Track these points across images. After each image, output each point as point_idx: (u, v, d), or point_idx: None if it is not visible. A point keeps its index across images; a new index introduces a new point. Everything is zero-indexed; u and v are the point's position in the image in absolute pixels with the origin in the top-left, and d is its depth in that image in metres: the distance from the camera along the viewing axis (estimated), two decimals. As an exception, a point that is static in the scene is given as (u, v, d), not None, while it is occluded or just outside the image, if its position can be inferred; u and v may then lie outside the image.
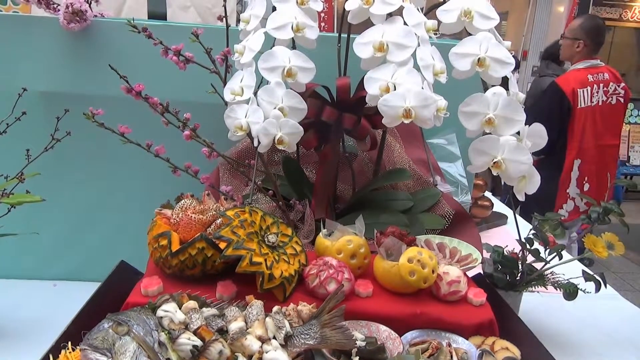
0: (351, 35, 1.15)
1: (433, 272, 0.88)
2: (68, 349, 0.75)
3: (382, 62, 0.96)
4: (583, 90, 2.73)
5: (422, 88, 0.90)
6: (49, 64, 1.24)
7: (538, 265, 1.15)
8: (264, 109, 0.96)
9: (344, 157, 1.27)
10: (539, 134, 0.99)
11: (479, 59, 0.96)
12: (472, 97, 0.96)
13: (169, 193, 1.12)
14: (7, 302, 1.20)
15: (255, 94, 0.99)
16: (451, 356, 0.80)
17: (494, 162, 0.95)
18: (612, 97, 2.80)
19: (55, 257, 1.35)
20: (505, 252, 1.15)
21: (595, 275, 1.12)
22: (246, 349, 0.69)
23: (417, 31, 0.95)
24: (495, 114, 0.94)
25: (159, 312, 0.70)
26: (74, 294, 1.27)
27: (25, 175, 1.10)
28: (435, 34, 0.99)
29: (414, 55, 0.94)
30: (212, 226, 0.90)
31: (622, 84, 2.84)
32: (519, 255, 1.15)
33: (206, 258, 0.86)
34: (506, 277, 1.15)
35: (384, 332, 0.84)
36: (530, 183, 0.95)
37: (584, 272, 1.14)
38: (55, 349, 0.75)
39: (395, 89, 0.91)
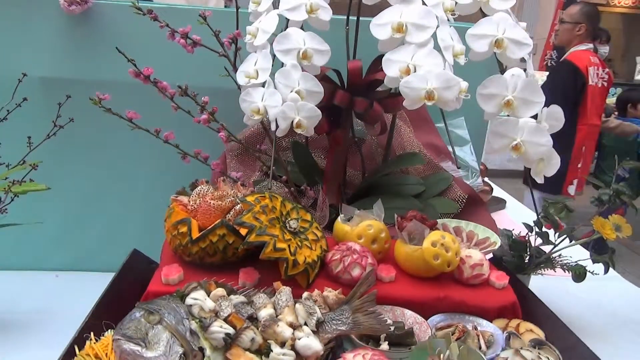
0: (360, 18, 1.14)
1: (456, 255, 0.87)
2: (91, 339, 0.73)
3: (400, 44, 0.94)
4: (591, 69, 2.80)
5: (444, 69, 0.88)
6: (50, 48, 1.19)
7: (545, 249, 1.15)
8: (281, 92, 0.93)
9: (353, 142, 1.26)
10: (556, 116, 0.99)
11: (496, 40, 0.95)
12: (490, 79, 0.95)
13: (172, 181, 1.09)
14: (8, 293, 1.16)
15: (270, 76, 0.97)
16: (478, 339, 0.80)
17: (514, 145, 0.94)
18: (599, 81, 2.88)
19: (57, 247, 1.32)
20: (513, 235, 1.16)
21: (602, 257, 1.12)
22: (278, 335, 0.68)
23: (435, 11, 0.93)
24: (514, 96, 0.94)
25: (188, 300, 0.68)
26: (76, 285, 1.26)
27: (27, 163, 1.06)
28: (452, 14, 0.97)
29: (433, 36, 0.92)
30: (231, 212, 0.87)
31: (607, 69, 2.94)
32: (527, 238, 1.15)
33: (227, 245, 0.84)
34: (515, 260, 1.15)
35: (409, 317, 0.83)
36: (549, 165, 0.95)
37: (591, 254, 1.14)
38: (78, 340, 0.73)
39: (415, 71, 0.90)
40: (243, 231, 0.84)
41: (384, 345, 0.76)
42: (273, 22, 0.98)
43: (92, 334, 0.74)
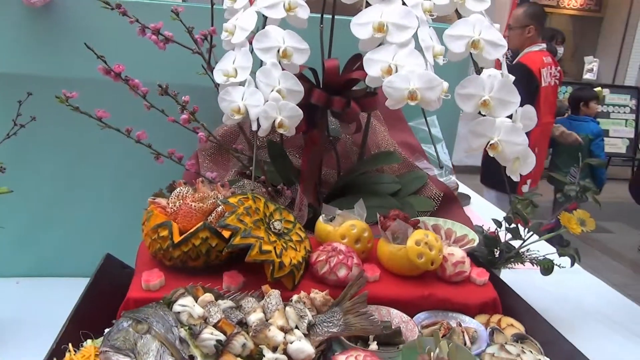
0: (335, 17, 1.13)
1: (439, 253, 0.88)
2: (70, 350, 0.69)
3: (381, 43, 0.94)
4: (543, 70, 2.88)
5: (426, 69, 0.89)
6: (9, 43, 1.13)
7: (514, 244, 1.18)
8: (262, 91, 0.92)
9: (328, 141, 1.25)
10: (529, 116, 1.02)
11: (473, 40, 0.96)
12: (468, 79, 0.96)
13: (141, 183, 1.07)
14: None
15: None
16: (463, 335, 0.81)
17: (491, 144, 0.96)
18: (552, 79, 2.97)
19: (18, 252, 1.25)
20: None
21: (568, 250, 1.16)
22: (270, 340, 0.67)
23: (415, 12, 0.94)
24: (491, 96, 0.96)
25: (176, 307, 0.66)
26: (40, 292, 1.20)
27: (-15, 165, 1.00)
28: (430, 15, 0.98)
29: (413, 36, 0.93)
30: (212, 214, 0.85)
31: (558, 67, 3.04)
32: (497, 234, 1.19)
33: (210, 248, 0.82)
34: (487, 256, 1.18)
35: (395, 316, 0.83)
36: (525, 164, 0.98)
37: (558, 248, 1.19)
38: (56, 351, 0.69)
39: (397, 71, 0.90)
40: (226, 234, 0.82)
41: (373, 346, 0.76)
42: (251, 19, 0.96)
43: (70, 344, 0.71)
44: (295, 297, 0.74)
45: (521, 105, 0.99)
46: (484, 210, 1.88)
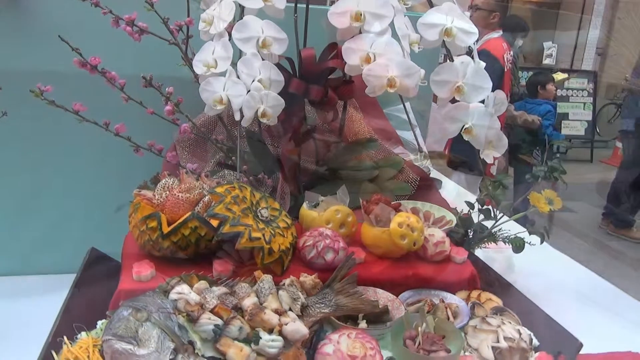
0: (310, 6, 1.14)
1: (421, 235, 0.92)
2: (66, 342, 0.69)
3: (358, 32, 0.97)
4: (505, 55, 2.97)
5: (404, 57, 0.92)
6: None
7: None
8: (243, 81, 0.93)
9: (306, 129, 1.27)
10: (501, 101, 1.06)
11: (446, 29, 0.99)
12: (442, 66, 1.00)
13: (115, 176, 1.08)
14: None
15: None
16: (446, 311, 0.86)
17: (465, 128, 1.00)
18: (508, 64, 3.07)
19: (-8, 250, 1.23)
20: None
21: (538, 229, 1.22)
22: (266, 323, 0.69)
23: (391, 1, 0.96)
24: (465, 82, 0.99)
25: (173, 295, 0.67)
26: (14, 290, 1.18)
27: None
28: (405, 4, 1.01)
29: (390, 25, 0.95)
30: (199, 204, 0.86)
31: (511, 52, 3.13)
32: (470, 215, 1.23)
33: (199, 237, 0.83)
34: (462, 236, 1.23)
35: (381, 295, 0.87)
36: (498, 146, 1.02)
37: (527, 226, 1.25)
38: (53, 345, 0.69)
39: (375, 59, 0.93)
40: (214, 222, 0.83)
41: (362, 324, 0.79)
42: (230, 10, 0.96)
43: (65, 337, 0.71)
44: (287, 281, 0.77)
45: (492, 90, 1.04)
46: (454, 194, 1.94)
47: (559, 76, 4.38)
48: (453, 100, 1.03)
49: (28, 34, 1.12)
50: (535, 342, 0.81)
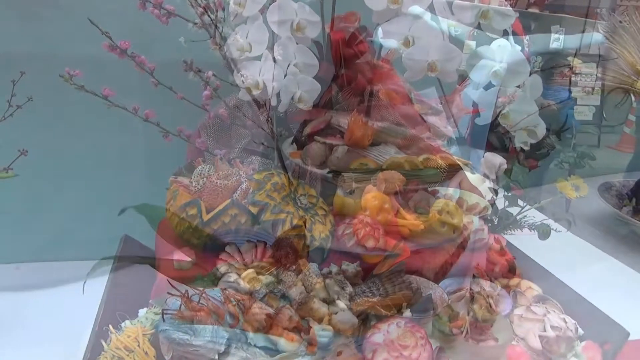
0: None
1: (460, 222, 0.90)
2: (112, 331, 0.69)
3: (395, 15, 0.94)
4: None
5: (444, 40, 0.90)
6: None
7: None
8: (280, 65, 0.91)
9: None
10: (537, 86, 1.04)
11: (482, 11, 0.97)
12: (479, 49, 0.98)
13: (140, 164, 1.08)
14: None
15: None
16: (487, 300, 0.84)
17: (502, 113, 0.99)
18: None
19: (16, 237, 1.21)
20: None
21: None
22: (315, 312, 0.68)
23: (429, -17, 0.94)
24: (502, 66, 0.97)
25: (223, 284, 0.66)
26: (39, 277, 1.18)
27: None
28: (441, -13, 0.98)
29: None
30: (237, 191, 0.85)
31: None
32: (495, 202, 1.22)
33: (240, 225, 0.82)
34: (487, 223, 1.22)
35: (422, 283, 0.85)
36: (536, 131, 1.01)
37: (554, 213, 1.24)
38: (100, 334, 0.68)
39: (414, 43, 0.91)
40: (254, 210, 0.82)
41: (407, 313, 0.78)
42: (263, -10, 0.94)
43: (110, 326, 0.70)
44: (334, 269, 0.75)
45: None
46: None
47: (575, 62, 4.32)
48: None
49: (46, 16, 1.10)
50: (580, 330, 0.80)
